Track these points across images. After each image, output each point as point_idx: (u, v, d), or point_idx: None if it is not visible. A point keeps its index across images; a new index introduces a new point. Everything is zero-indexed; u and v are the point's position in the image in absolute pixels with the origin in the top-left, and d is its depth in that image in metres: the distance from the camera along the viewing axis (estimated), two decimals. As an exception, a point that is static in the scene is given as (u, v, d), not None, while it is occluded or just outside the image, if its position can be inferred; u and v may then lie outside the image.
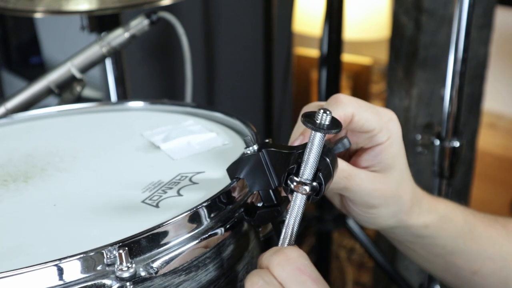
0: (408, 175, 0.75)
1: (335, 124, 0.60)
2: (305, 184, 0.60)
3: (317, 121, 0.59)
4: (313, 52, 2.70)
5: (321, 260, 1.85)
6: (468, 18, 1.13)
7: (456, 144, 1.22)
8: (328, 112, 0.59)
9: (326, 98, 0.75)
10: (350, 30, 2.32)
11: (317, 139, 0.60)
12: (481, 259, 0.81)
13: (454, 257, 0.80)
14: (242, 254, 0.69)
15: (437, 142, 1.23)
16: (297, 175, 0.61)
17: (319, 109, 0.59)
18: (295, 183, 0.61)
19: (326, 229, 1.77)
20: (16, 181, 0.75)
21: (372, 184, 0.70)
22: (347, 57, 2.51)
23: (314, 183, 0.60)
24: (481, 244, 0.81)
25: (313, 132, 0.60)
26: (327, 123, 0.59)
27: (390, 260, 1.73)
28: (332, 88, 1.64)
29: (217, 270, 0.65)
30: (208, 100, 2.02)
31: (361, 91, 2.68)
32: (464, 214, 0.81)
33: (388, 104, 1.92)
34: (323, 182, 0.60)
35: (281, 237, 0.62)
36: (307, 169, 0.60)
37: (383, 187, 0.71)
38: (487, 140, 2.82)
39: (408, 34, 1.77)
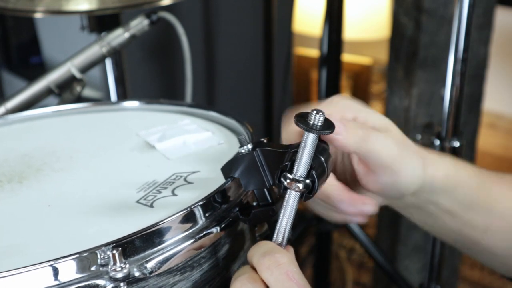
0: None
1: (328, 125, 0.60)
2: (298, 181, 0.60)
3: (309, 122, 0.59)
4: (313, 52, 2.70)
5: (321, 260, 1.85)
6: (468, 18, 1.13)
7: (456, 144, 1.22)
8: (321, 113, 0.59)
9: (326, 98, 0.76)
10: (350, 30, 2.32)
11: (310, 139, 0.60)
12: (492, 215, 0.81)
13: (469, 213, 0.79)
14: (238, 253, 0.69)
15: (437, 142, 1.23)
16: (290, 172, 0.61)
17: (312, 110, 0.60)
18: (288, 180, 0.61)
19: (326, 229, 1.77)
20: (11, 181, 0.75)
21: (387, 138, 0.70)
22: (347, 57, 2.50)
23: (307, 181, 0.60)
24: (492, 199, 0.81)
25: (306, 132, 0.60)
26: (319, 123, 0.59)
27: (390, 260, 1.73)
28: (332, 88, 1.64)
29: (212, 269, 0.65)
30: (208, 100, 2.03)
31: (361, 91, 2.68)
32: (473, 168, 0.81)
33: (388, 104, 1.92)
34: (316, 180, 0.60)
35: (274, 235, 0.62)
36: (301, 167, 0.60)
37: (398, 138, 0.72)
38: (487, 140, 2.82)
39: (408, 34, 1.77)
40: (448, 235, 0.84)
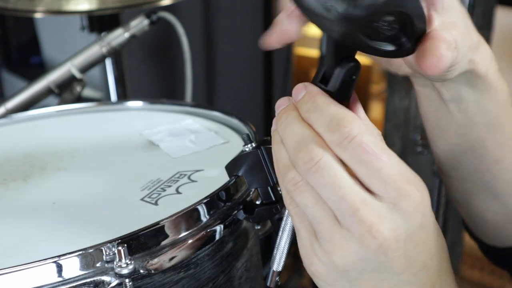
0: None
1: None
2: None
3: None
4: (313, 52, 2.70)
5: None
6: (468, 18, 1.13)
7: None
8: None
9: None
10: (350, 31, 2.31)
11: None
12: (507, 146, 0.74)
13: (489, 131, 0.72)
14: (241, 251, 0.69)
15: (437, 142, 1.23)
16: None
17: None
18: None
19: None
20: (15, 180, 0.75)
21: (459, 28, 0.59)
22: (347, 57, 2.50)
23: None
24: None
25: None
26: None
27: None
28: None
29: (216, 267, 0.65)
30: (208, 100, 2.03)
31: (361, 91, 2.68)
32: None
33: (388, 104, 1.92)
34: None
35: (279, 233, 0.62)
36: None
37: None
38: (487, 140, 2.82)
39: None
40: (454, 153, 0.76)
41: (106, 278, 0.56)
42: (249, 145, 0.66)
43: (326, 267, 0.53)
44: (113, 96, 1.39)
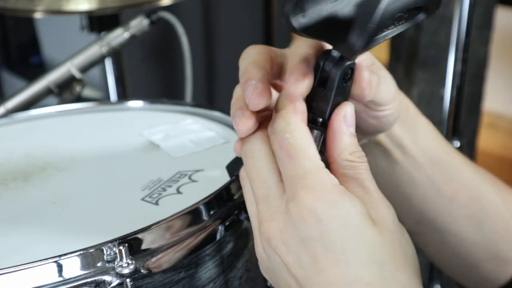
0: None
1: None
2: None
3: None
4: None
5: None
6: (468, 18, 1.13)
7: (456, 144, 1.22)
8: None
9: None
10: (350, 31, 2.31)
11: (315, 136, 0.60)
12: (457, 182, 0.79)
13: (435, 168, 0.77)
14: (242, 251, 0.69)
15: (437, 142, 1.23)
16: None
17: None
18: None
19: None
20: (15, 180, 0.75)
21: (387, 77, 0.67)
22: (347, 58, 2.50)
23: None
24: (455, 163, 0.79)
25: None
26: None
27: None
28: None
29: (217, 267, 0.65)
30: (208, 100, 2.03)
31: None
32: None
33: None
34: None
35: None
36: None
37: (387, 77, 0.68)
38: (487, 140, 2.82)
39: (408, 34, 1.77)
40: (413, 206, 0.80)
41: (107, 278, 0.56)
42: (249, 145, 0.66)
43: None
44: (113, 96, 1.39)
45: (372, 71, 0.62)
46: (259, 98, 0.57)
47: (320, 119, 0.57)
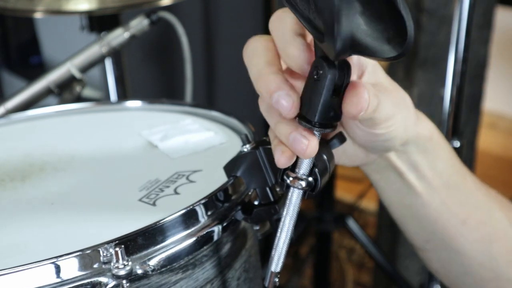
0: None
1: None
2: (301, 179, 0.60)
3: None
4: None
5: (321, 260, 1.85)
6: (468, 18, 1.13)
7: (457, 144, 1.22)
8: None
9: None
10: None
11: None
12: (469, 204, 0.79)
13: (448, 192, 0.77)
14: (240, 252, 0.69)
15: (437, 142, 1.23)
16: (293, 170, 0.61)
17: None
18: (291, 178, 0.60)
19: (326, 229, 1.77)
20: (13, 180, 0.75)
21: (388, 98, 0.65)
22: (347, 58, 2.49)
23: (310, 179, 0.60)
24: (468, 185, 0.79)
25: None
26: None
27: (390, 260, 1.73)
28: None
29: (214, 268, 0.65)
30: (208, 100, 2.02)
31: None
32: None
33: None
34: (319, 178, 0.60)
35: (277, 233, 0.62)
36: (304, 165, 0.60)
37: (395, 96, 0.68)
38: (487, 140, 2.82)
39: (408, 34, 1.76)
40: (424, 226, 0.80)
41: (103, 279, 0.56)
42: (247, 146, 0.66)
43: None
44: (113, 96, 1.39)
45: (374, 93, 0.61)
46: (297, 108, 0.57)
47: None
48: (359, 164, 0.76)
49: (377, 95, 0.61)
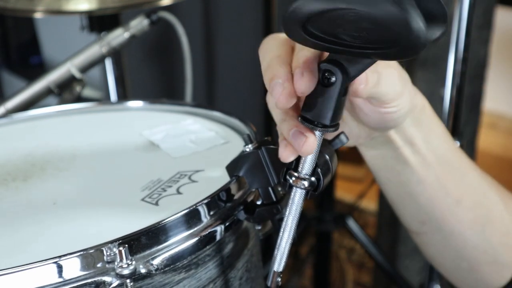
0: None
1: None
2: (304, 179, 0.60)
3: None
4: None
5: (321, 260, 1.85)
6: (468, 18, 1.13)
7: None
8: None
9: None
10: (350, 31, 2.31)
11: (316, 136, 0.60)
12: (465, 183, 0.80)
13: (444, 170, 0.78)
14: (242, 251, 0.69)
15: (437, 142, 1.23)
16: (296, 170, 0.61)
17: None
18: (293, 178, 0.61)
19: (326, 229, 1.77)
20: (15, 180, 0.75)
21: (393, 74, 0.66)
22: (347, 58, 2.49)
23: (313, 178, 0.60)
24: (463, 164, 0.80)
25: None
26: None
27: (390, 260, 1.73)
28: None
29: (217, 267, 0.65)
30: (208, 100, 2.02)
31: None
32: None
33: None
34: (322, 178, 0.60)
35: (280, 234, 0.62)
36: (306, 165, 0.60)
37: (399, 71, 0.68)
38: (487, 140, 2.82)
39: (408, 34, 1.76)
40: (419, 206, 0.81)
41: (107, 279, 0.56)
42: (249, 145, 0.66)
43: None
44: (113, 96, 1.39)
45: (373, 69, 0.62)
46: (286, 98, 0.58)
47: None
48: (360, 143, 0.77)
49: (376, 71, 0.62)
